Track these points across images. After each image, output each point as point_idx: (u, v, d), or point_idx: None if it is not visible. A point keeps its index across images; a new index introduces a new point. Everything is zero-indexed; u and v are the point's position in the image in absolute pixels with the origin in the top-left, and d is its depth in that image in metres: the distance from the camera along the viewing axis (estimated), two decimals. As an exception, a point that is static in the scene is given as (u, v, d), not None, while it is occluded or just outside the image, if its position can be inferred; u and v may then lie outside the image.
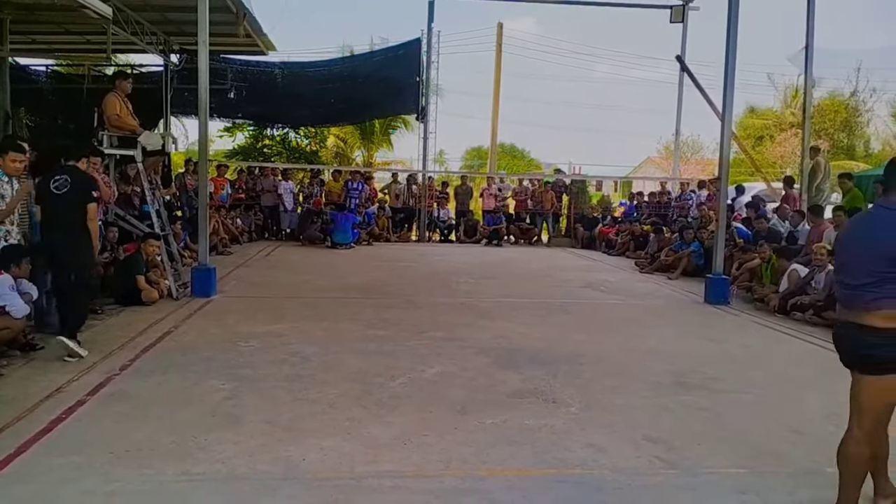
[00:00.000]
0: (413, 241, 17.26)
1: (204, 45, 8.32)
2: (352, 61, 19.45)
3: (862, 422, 3.11)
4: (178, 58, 15.49)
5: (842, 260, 3.20)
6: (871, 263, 2.94)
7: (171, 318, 7.14)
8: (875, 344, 2.98)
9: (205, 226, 8.69)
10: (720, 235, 9.48)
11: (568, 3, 20.70)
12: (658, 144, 38.27)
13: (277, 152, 21.86)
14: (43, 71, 17.21)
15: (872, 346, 2.99)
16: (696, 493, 3.51)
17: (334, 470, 3.61)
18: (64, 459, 3.61)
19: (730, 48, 8.92)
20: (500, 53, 23.38)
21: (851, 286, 3.05)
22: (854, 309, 3.05)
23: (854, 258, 3.06)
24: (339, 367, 5.49)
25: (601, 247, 15.85)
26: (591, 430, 4.29)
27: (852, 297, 3.05)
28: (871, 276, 2.94)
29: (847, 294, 3.10)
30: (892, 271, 2.89)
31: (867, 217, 3.26)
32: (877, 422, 3.10)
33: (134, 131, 8.45)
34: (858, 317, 3.03)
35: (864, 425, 3.10)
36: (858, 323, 3.02)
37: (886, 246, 2.92)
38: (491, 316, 7.68)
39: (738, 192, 15.18)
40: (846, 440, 3.18)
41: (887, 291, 2.92)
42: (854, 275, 3.03)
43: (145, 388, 4.82)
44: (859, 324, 3.02)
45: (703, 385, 5.34)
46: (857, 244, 3.07)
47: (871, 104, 31.40)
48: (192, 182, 12.79)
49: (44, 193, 5.76)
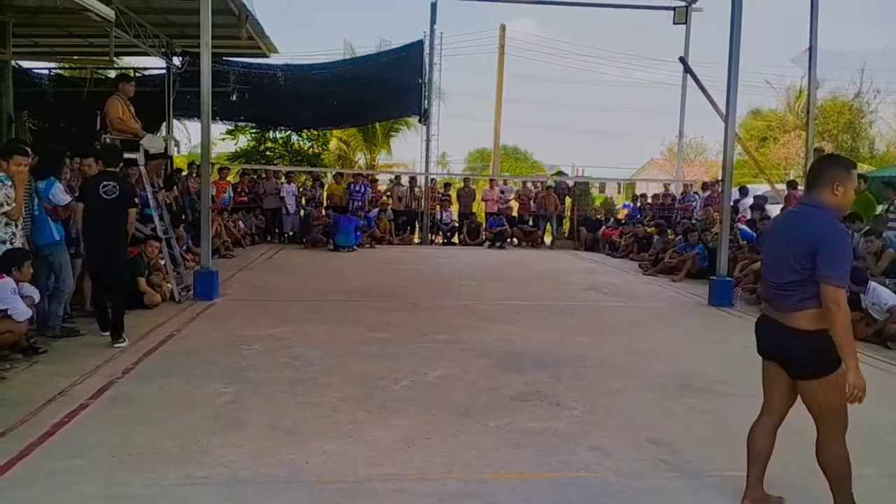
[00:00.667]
0: (416, 243, 17.26)
1: (206, 47, 8.33)
2: (354, 63, 19.45)
3: (829, 425, 3.09)
4: (180, 60, 15.52)
5: (767, 258, 3.24)
6: (794, 261, 2.99)
7: (173, 321, 7.14)
8: (799, 345, 3.03)
9: (207, 229, 8.69)
10: (724, 237, 9.46)
11: (570, 4, 20.69)
12: (661, 146, 38.27)
13: (280, 155, 21.88)
14: (45, 74, 17.25)
15: (797, 348, 3.05)
16: (699, 496, 3.49)
17: (337, 473, 3.60)
18: (67, 463, 3.60)
19: (733, 50, 8.91)
20: (502, 55, 23.40)
21: (777, 285, 3.09)
22: (781, 309, 3.09)
23: (779, 256, 3.09)
24: (341, 371, 5.48)
25: (604, 249, 15.82)
26: (594, 433, 4.27)
27: (779, 297, 3.10)
28: (796, 275, 2.99)
29: (774, 293, 3.13)
30: (814, 269, 2.93)
31: (790, 215, 3.28)
32: (842, 420, 3.08)
33: (136, 134, 8.44)
34: (785, 317, 3.07)
35: (832, 427, 3.09)
36: (784, 323, 3.07)
37: (807, 242, 2.95)
38: (494, 319, 7.67)
39: (741, 194, 15.15)
40: (822, 449, 3.15)
41: (812, 292, 2.95)
42: (780, 273, 3.07)
43: (148, 392, 4.82)
44: (785, 324, 3.06)
45: (707, 388, 5.32)
46: (781, 242, 3.10)
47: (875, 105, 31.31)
48: (195, 185, 12.80)
49: (92, 197, 6.26)
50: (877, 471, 3.87)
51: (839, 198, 3.05)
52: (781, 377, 3.23)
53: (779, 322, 3.10)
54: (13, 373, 5.20)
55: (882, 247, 8.34)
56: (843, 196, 3.06)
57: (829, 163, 3.16)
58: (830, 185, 3.04)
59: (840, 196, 3.05)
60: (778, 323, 3.11)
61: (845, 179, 3.05)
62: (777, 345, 3.16)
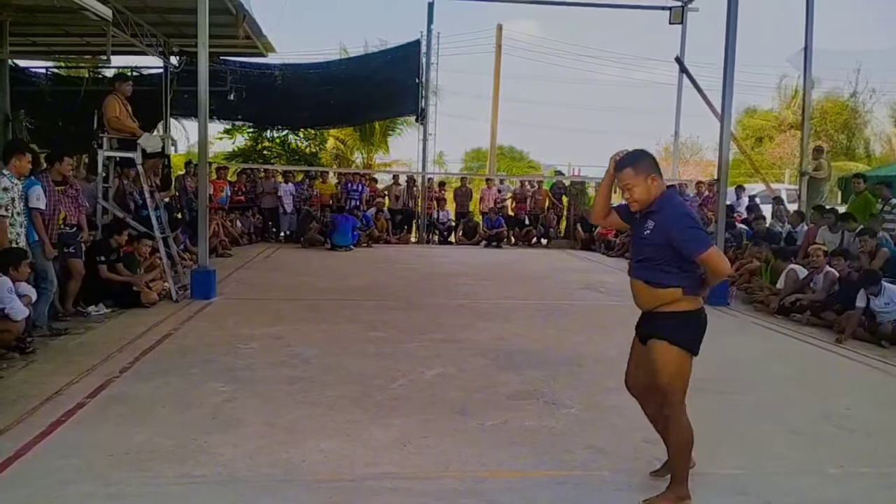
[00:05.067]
0: (413, 242, 17.26)
1: (203, 46, 8.32)
2: (351, 63, 19.43)
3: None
4: (177, 60, 15.48)
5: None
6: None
7: (170, 320, 7.14)
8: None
9: (205, 228, 8.69)
10: (719, 236, 9.48)
11: (567, 4, 20.72)
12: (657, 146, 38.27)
13: (277, 154, 21.87)
14: (43, 73, 17.19)
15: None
16: (695, 494, 3.50)
17: (334, 472, 3.61)
18: (63, 462, 3.60)
19: (729, 49, 8.93)
20: (499, 55, 23.43)
21: None
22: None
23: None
24: (338, 369, 5.49)
25: (600, 248, 15.84)
26: (590, 431, 4.29)
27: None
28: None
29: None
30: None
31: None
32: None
33: (134, 133, 8.45)
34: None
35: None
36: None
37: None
38: (490, 317, 7.68)
39: (737, 194, 15.20)
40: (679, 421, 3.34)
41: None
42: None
43: (145, 391, 4.82)
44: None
45: (703, 386, 5.31)
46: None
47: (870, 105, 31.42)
48: (192, 184, 12.79)
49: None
50: (872, 469, 3.89)
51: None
52: None
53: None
54: (10, 372, 5.19)
55: (876, 246, 8.37)
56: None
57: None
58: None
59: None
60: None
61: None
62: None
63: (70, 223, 7.18)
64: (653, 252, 3.20)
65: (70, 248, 7.16)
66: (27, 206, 6.30)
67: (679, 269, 3.16)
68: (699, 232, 3.12)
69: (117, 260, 7.83)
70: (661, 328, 3.23)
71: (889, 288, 7.02)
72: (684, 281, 3.16)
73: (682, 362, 3.24)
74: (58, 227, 6.90)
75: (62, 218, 7.00)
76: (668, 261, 3.15)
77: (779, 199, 13.68)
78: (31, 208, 6.32)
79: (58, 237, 6.87)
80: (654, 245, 3.19)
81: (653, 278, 3.20)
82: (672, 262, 3.15)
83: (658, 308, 3.22)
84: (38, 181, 6.54)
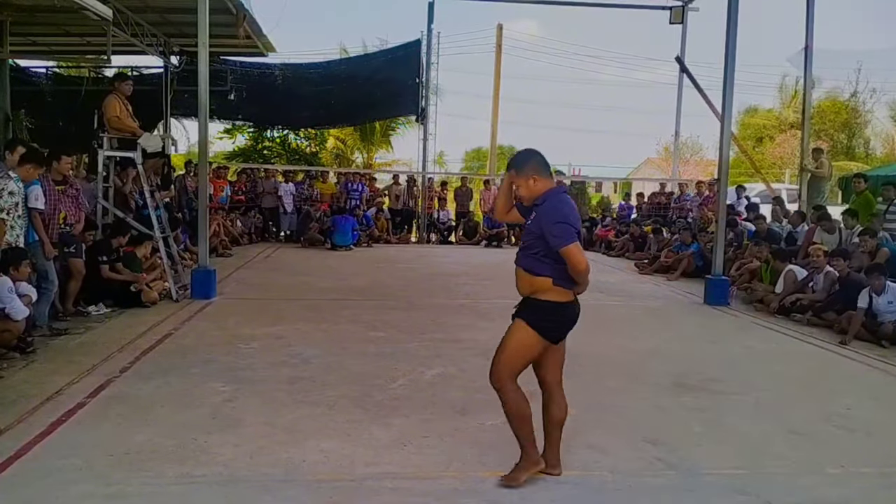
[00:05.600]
0: (413, 242, 17.27)
1: (204, 46, 8.32)
2: (351, 63, 19.44)
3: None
4: (178, 59, 15.48)
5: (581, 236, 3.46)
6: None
7: (171, 320, 7.14)
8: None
9: (205, 227, 8.68)
10: (720, 236, 9.49)
11: (567, 3, 20.72)
12: (657, 145, 38.31)
13: (277, 154, 21.87)
14: (43, 73, 17.20)
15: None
16: (696, 494, 3.51)
17: (334, 471, 3.61)
18: (64, 462, 3.60)
19: (729, 49, 8.93)
20: (499, 55, 23.41)
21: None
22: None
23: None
24: (339, 369, 5.49)
25: (600, 248, 15.85)
26: (591, 431, 4.29)
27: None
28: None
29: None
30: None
31: (572, 201, 3.54)
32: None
33: (134, 133, 8.45)
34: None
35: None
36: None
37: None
38: (491, 317, 7.66)
39: (737, 194, 15.20)
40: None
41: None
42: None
43: (145, 391, 4.82)
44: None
45: (703, 386, 5.35)
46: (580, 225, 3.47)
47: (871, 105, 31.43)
48: (192, 184, 12.79)
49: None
50: (872, 469, 3.89)
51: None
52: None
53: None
54: (10, 371, 5.19)
55: (876, 246, 8.37)
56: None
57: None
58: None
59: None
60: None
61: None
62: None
63: (70, 223, 7.18)
64: (532, 241, 3.41)
65: (70, 248, 7.16)
66: (26, 207, 6.31)
67: (552, 261, 3.34)
68: (566, 227, 3.28)
69: (117, 259, 7.83)
70: (526, 310, 3.46)
71: (892, 287, 7.02)
72: (555, 273, 3.35)
73: (529, 342, 3.44)
74: (58, 226, 6.90)
75: (62, 218, 7.00)
76: (543, 251, 3.35)
77: (779, 198, 13.68)
78: (29, 208, 6.33)
79: (58, 237, 6.87)
80: (533, 235, 3.41)
81: (529, 266, 3.41)
82: (547, 254, 3.34)
83: (531, 294, 3.44)
84: (37, 181, 6.55)
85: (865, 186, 10.83)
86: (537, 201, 3.42)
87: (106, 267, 7.58)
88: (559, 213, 3.31)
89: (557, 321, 3.45)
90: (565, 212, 3.33)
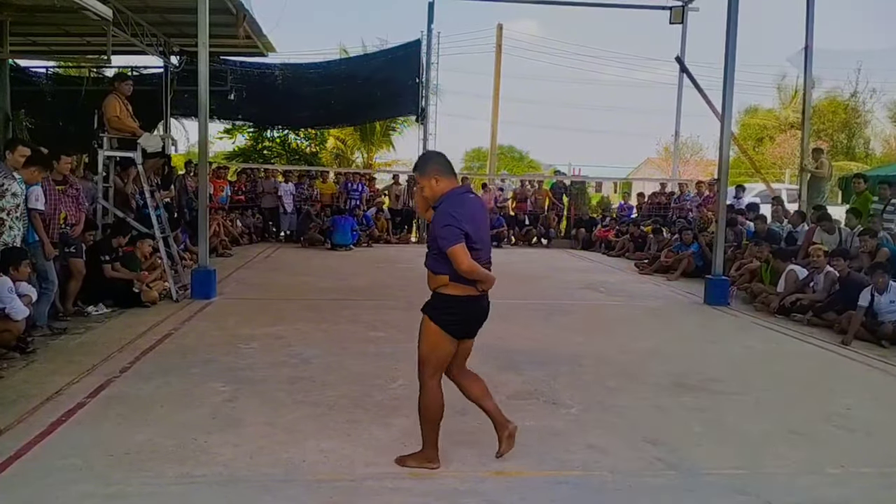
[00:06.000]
0: (413, 242, 17.26)
1: (204, 46, 8.32)
2: (351, 63, 19.44)
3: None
4: (178, 59, 15.48)
5: (482, 240, 3.59)
6: (488, 235, 3.69)
7: (171, 320, 7.14)
8: None
9: (205, 227, 8.68)
10: (719, 236, 9.48)
11: (567, 3, 20.72)
12: (657, 145, 38.32)
13: (277, 154, 21.86)
14: (43, 73, 17.20)
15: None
16: (696, 494, 3.51)
17: (334, 472, 3.61)
18: (64, 462, 3.61)
19: (729, 49, 8.93)
20: (499, 55, 23.39)
21: (489, 259, 3.64)
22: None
23: (487, 238, 3.67)
24: (339, 369, 5.49)
25: (601, 248, 15.85)
26: (591, 431, 4.29)
27: (490, 268, 3.62)
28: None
29: (488, 266, 3.62)
30: None
31: (476, 201, 3.73)
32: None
33: (134, 133, 8.45)
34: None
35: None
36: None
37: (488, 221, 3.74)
38: (490, 317, 7.64)
39: (736, 193, 15.20)
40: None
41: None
42: (488, 248, 3.64)
43: (145, 391, 4.82)
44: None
45: (703, 386, 5.35)
46: (486, 226, 3.67)
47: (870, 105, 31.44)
48: (192, 184, 12.79)
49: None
50: (873, 469, 3.89)
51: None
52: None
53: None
54: (10, 371, 5.19)
55: (876, 246, 8.37)
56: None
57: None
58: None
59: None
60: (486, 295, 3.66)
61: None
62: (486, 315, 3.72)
63: (70, 223, 7.18)
64: (431, 241, 3.58)
65: (71, 248, 7.16)
66: (26, 207, 6.31)
67: (447, 260, 3.46)
68: (452, 229, 3.39)
69: (117, 259, 7.83)
70: (428, 305, 3.61)
71: (895, 286, 7.02)
72: (452, 271, 3.46)
73: (438, 340, 3.56)
74: (59, 226, 6.90)
75: (63, 218, 7.00)
76: (438, 251, 3.48)
77: (778, 198, 13.67)
78: (29, 209, 6.33)
79: (59, 237, 6.87)
80: (431, 236, 3.59)
81: (431, 266, 3.57)
82: (441, 253, 3.47)
83: (434, 290, 3.59)
84: (37, 182, 6.55)
85: (865, 187, 10.84)
86: (436, 203, 3.55)
87: (108, 266, 7.58)
88: (448, 215, 3.43)
89: (458, 315, 3.57)
90: (456, 213, 3.43)
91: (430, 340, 3.59)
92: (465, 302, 3.55)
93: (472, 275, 3.44)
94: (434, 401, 3.63)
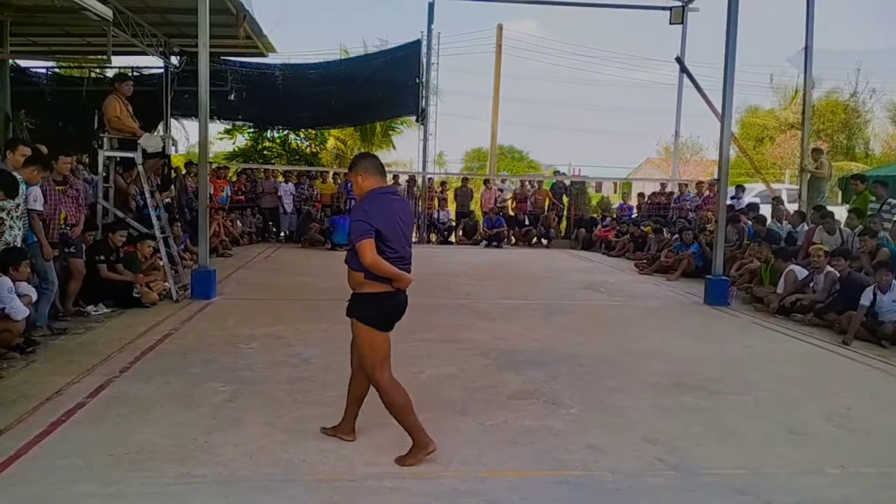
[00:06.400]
0: (413, 242, 17.24)
1: (204, 46, 8.32)
2: (351, 63, 19.42)
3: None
4: (178, 60, 15.48)
5: (400, 238, 3.65)
6: (409, 236, 3.78)
7: (171, 320, 7.14)
8: None
9: (205, 228, 8.68)
10: (719, 236, 9.48)
11: (567, 3, 20.72)
12: (657, 145, 38.32)
13: (277, 154, 21.86)
14: (43, 73, 17.19)
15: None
16: (696, 494, 3.51)
17: (334, 471, 3.61)
18: (64, 462, 3.61)
19: (729, 49, 8.93)
20: (499, 55, 23.39)
21: (410, 259, 3.72)
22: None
23: (407, 237, 3.74)
24: (339, 369, 5.46)
25: (601, 248, 15.85)
26: (591, 431, 4.29)
27: (409, 268, 3.71)
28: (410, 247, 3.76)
29: (406, 266, 3.69)
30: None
31: (398, 201, 3.79)
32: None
33: (134, 133, 8.45)
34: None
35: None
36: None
37: (412, 223, 3.89)
38: (490, 317, 7.68)
39: (736, 193, 15.20)
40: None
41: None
42: (407, 248, 3.71)
43: (145, 391, 4.82)
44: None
45: (703, 386, 5.35)
46: (405, 224, 3.70)
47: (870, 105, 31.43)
48: (193, 184, 12.79)
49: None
50: (873, 469, 3.89)
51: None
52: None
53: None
54: (10, 371, 5.20)
55: (876, 246, 8.37)
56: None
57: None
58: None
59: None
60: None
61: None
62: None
63: (71, 223, 7.18)
64: (349, 237, 3.65)
65: (71, 248, 7.17)
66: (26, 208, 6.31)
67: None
68: (362, 224, 3.48)
69: (118, 260, 7.83)
70: (351, 307, 3.71)
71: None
72: (366, 268, 3.53)
73: (370, 338, 3.66)
74: (59, 227, 6.90)
75: (63, 218, 7.00)
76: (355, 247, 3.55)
77: (778, 198, 13.67)
78: (28, 210, 6.33)
79: (59, 237, 6.87)
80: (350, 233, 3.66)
81: (348, 260, 3.64)
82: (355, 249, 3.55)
83: (353, 289, 3.67)
84: (37, 182, 6.55)
85: (864, 187, 10.85)
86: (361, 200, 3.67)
87: (104, 266, 7.58)
88: (361, 211, 3.53)
89: (378, 310, 3.66)
90: (370, 209, 3.53)
91: (365, 340, 3.68)
92: (382, 298, 3.64)
93: (374, 269, 3.50)
94: (395, 394, 3.70)
